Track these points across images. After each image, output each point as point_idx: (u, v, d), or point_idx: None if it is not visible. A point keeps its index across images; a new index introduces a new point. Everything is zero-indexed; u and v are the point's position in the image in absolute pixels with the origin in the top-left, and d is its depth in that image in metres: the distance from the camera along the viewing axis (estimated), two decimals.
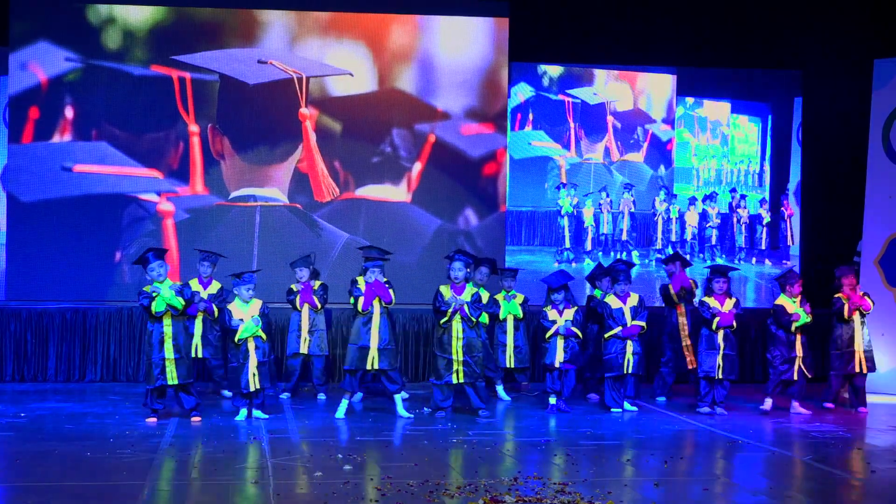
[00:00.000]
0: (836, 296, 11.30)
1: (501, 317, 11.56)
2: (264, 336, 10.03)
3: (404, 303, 12.49)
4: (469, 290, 10.33)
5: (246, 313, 10.00)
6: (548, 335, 10.66)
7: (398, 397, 10.32)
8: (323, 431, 9.51)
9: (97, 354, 12.47)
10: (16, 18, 12.91)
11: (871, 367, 11.27)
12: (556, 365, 10.63)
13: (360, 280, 10.23)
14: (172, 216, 13.12)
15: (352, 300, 10.22)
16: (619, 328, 10.68)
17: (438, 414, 10.31)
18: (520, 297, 11.69)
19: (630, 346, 10.72)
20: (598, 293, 11.32)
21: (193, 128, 13.15)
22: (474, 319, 10.29)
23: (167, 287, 9.73)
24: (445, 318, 10.24)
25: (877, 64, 12.73)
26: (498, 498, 6.98)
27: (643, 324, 10.74)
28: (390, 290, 10.18)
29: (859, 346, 11.21)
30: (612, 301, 10.81)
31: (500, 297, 11.62)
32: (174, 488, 7.45)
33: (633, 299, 10.84)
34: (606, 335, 10.73)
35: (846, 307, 11.16)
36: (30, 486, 7.36)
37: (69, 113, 13.04)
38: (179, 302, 9.72)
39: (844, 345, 11.22)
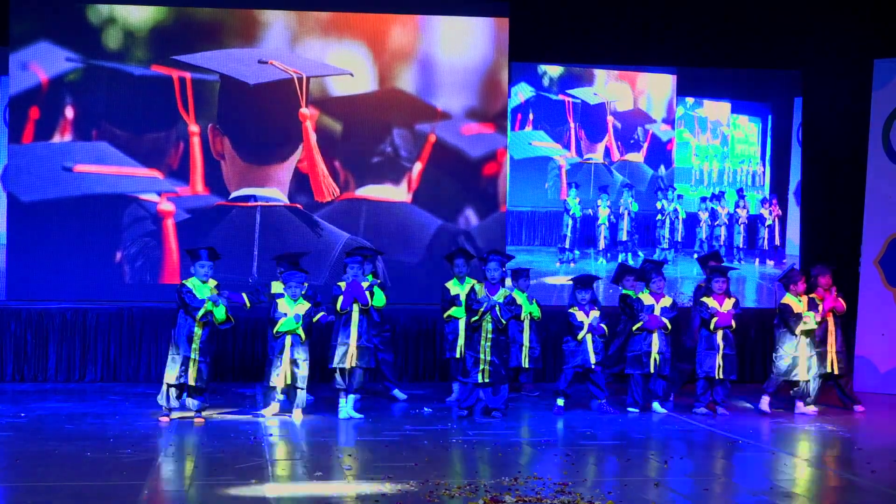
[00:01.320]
0: (811, 296, 11.20)
1: (522, 317, 11.59)
2: (303, 336, 10.05)
3: (404, 302, 12.49)
4: (503, 293, 10.31)
5: (292, 310, 10.03)
6: (580, 336, 10.65)
7: (351, 397, 10.29)
8: (323, 431, 9.51)
9: (97, 354, 12.48)
10: (16, 18, 12.91)
11: (843, 369, 11.16)
12: (591, 366, 10.63)
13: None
14: (173, 216, 13.12)
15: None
16: (646, 318, 10.65)
17: (461, 413, 10.29)
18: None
19: (656, 345, 10.70)
20: (631, 293, 11.32)
21: (193, 128, 13.16)
22: (504, 321, 10.28)
23: (223, 309, 9.77)
24: (476, 317, 10.23)
25: (877, 64, 12.74)
26: (498, 498, 6.99)
27: (667, 321, 10.69)
28: (368, 294, 10.20)
29: (832, 347, 11.09)
30: (645, 298, 10.81)
31: (516, 296, 11.64)
32: (174, 489, 7.45)
33: (666, 301, 10.81)
34: (634, 328, 10.73)
35: (820, 308, 11.07)
36: (30, 486, 7.36)
37: (69, 113, 13.03)
38: (222, 316, 9.77)
39: (816, 345, 11.12)
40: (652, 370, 10.68)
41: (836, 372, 11.08)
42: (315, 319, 10.56)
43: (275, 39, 13.28)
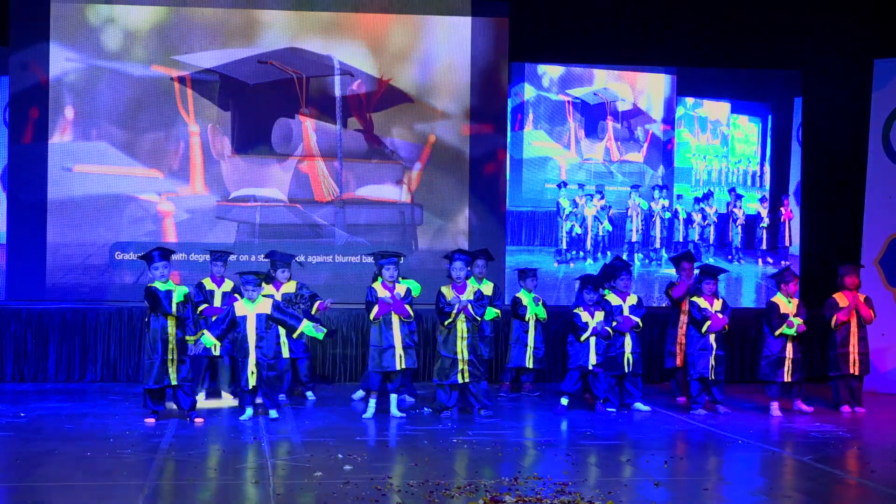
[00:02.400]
0: (834, 295, 11.18)
1: (527, 318, 11.59)
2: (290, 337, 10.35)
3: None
4: (471, 289, 10.33)
5: (251, 311, 10.02)
6: (583, 337, 10.64)
7: (394, 396, 10.31)
8: (323, 431, 9.51)
9: (97, 354, 12.48)
10: (16, 18, 12.90)
11: (865, 370, 11.18)
12: (590, 367, 10.64)
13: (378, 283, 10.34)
14: (172, 216, 13.12)
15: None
16: (616, 321, 10.68)
17: (444, 414, 10.30)
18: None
19: (628, 346, 10.72)
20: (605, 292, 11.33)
21: (193, 128, 13.16)
22: (479, 318, 10.30)
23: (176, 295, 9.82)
24: (450, 319, 10.24)
25: (877, 64, 12.74)
26: (498, 498, 6.99)
27: (638, 319, 10.73)
28: (408, 307, 10.22)
29: (854, 348, 11.09)
30: (612, 299, 10.83)
31: (522, 296, 11.65)
32: (174, 488, 7.45)
33: (633, 299, 10.87)
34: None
35: (835, 318, 11.05)
36: (30, 486, 7.36)
37: (69, 113, 13.03)
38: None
39: (839, 346, 11.12)
40: (626, 370, 10.70)
41: (856, 373, 11.08)
42: (314, 311, 10.84)
43: (275, 39, 13.28)
